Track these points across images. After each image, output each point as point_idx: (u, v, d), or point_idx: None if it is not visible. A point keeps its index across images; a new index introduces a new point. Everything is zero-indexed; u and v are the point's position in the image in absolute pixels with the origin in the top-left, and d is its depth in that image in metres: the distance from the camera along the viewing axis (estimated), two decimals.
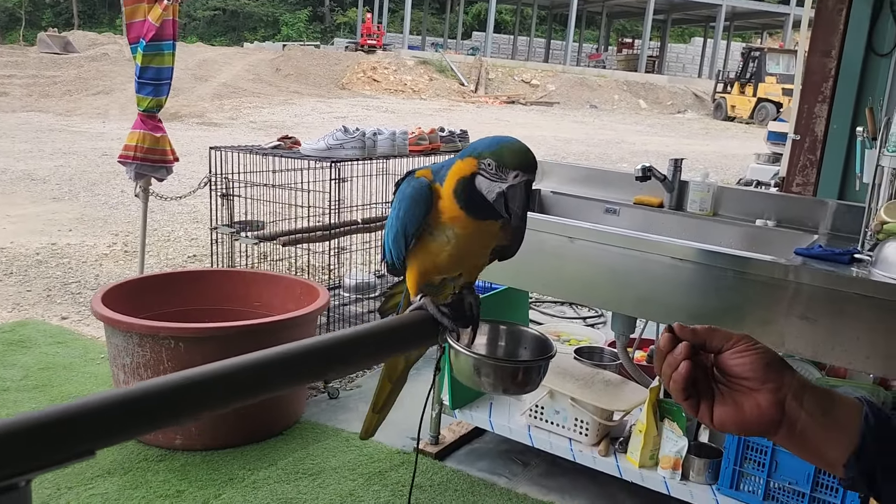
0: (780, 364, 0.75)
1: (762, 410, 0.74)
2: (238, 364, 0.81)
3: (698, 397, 0.77)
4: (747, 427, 0.76)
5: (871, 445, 0.71)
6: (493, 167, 0.95)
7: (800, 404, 0.73)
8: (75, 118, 14.50)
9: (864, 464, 0.71)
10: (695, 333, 0.77)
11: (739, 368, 0.75)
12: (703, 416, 0.77)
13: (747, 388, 0.74)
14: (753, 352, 0.75)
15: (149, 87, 3.55)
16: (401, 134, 3.85)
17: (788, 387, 0.73)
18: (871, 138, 2.66)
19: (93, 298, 3.01)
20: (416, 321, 1.06)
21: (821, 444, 0.73)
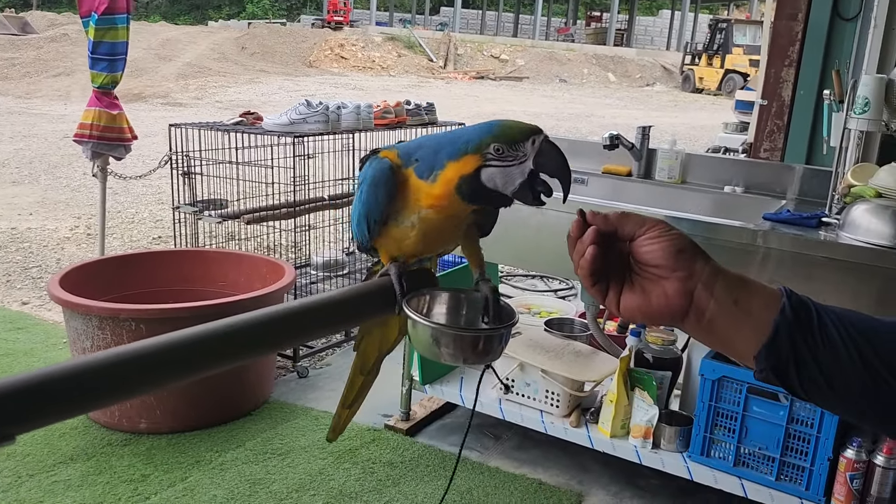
0: (693, 251, 0.71)
1: (668, 299, 0.71)
2: (169, 341, 0.76)
3: (607, 284, 0.74)
4: (652, 315, 0.72)
5: (784, 337, 0.67)
6: (503, 151, 0.86)
7: (710, 293, 0.69)
8: (35, 100, 14.16)
9: (776, 356, 0.68)
10: (606, 220, 0.74)
11: (650, 255, 0.72)
12: (609, 303, 0.74)
13: (656, 276, 0.71)
14: (665, 238, 0.71)
15: (103, 62, 3.43)
16: (365, 107, 3.77)
17: (699, 275, 0.70)
18: (837, 101, 2.64)
19: (50, 281, 2.93)
20: (374, 289, 1.01)
21: (730, 335, 0.70)
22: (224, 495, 2.51)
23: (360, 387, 1.15)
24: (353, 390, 1.15)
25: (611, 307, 0.75)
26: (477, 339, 0.99)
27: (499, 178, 0.87)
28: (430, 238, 0.97)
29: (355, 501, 2.51)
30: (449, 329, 0.98)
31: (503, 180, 0.87)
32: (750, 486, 2.35)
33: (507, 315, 1.04)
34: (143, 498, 2.47)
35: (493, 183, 0.87)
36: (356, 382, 1.15)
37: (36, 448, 2.72)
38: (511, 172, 0.86)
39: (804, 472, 2.28)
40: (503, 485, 2.64)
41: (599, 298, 0.75)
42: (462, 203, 0.90)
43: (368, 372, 1.14)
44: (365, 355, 1.12)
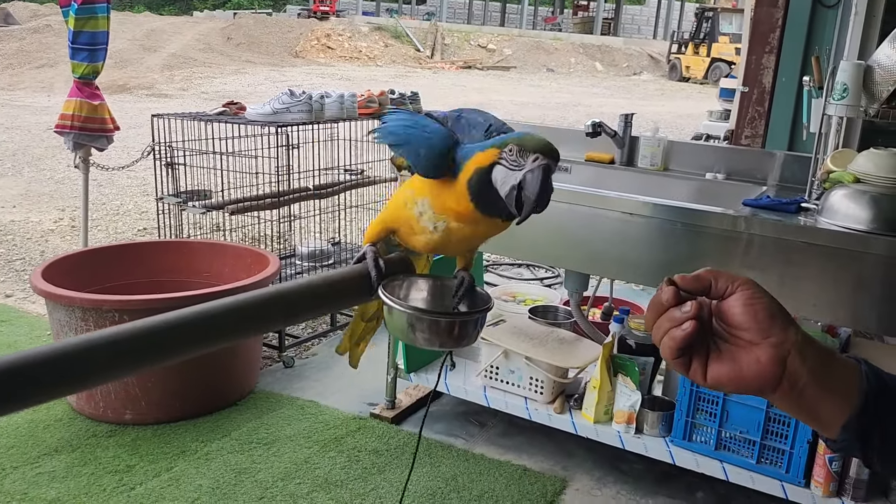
0: (785, 316, 0.67)
1: (762, 367, 0.66)
2: (145, 326, 0.77)
3: (691, 354, 0.68)
4: (745, 385, 0.67)
5: (871, 407, 0.66)
6: (513, 153, 0.89)
7: (803, 362, 0.66)
8: (18, 92, 14.03)
9: (863, 425, 0.66)
10: (698, 280, 0.69)
11: (741, 318, 0.67)
12: (695, 374, 0.69)
13: (747, 342, 0.67)
14: (758, 300, 0.67)
15: (83, 52, 3.41)
16: (349, 97, 3.76)
17: (793, 342, 0.66)
18: (817, 88, 2.66)
19: (32, 273, 2.91)
20: (351, 274, 1.02)
21: (820, 404, 0.67)
22: (209, 485, 2.51)
23: (361, 331, 1.17)
24: (355, 333, 1.17)
25: (696, 378, 0.69)
26: (452, 323, 0.99)
27: (501, 176, 0.89)
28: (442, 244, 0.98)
29: (341, 489, 2.52)
30: (424, 314, 0.98)
31: (502, 180, 0.89)
32: (731, 470, 2.37)
33: (482, 300, 1.05)
34: (129, 488, 2.48)
35: (497, 181, 0.89)
36: (358, 327, 1.16)
37: (20, 440, 2.71)
38: (510, 175, 0.89)
39: (784, 455, 2.30)
40: (488, 471, 2.66)
41: (683, 370, 0.70)
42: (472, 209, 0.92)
43: (369, 319, 1.16)
44: (365, 306, 1.13)
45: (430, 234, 0.97)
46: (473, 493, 2.54)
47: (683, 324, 0.67)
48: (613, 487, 2.63)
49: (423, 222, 0.97)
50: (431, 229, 0.97)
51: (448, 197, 0.93)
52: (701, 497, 2.59)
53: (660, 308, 0.69)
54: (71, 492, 2.44)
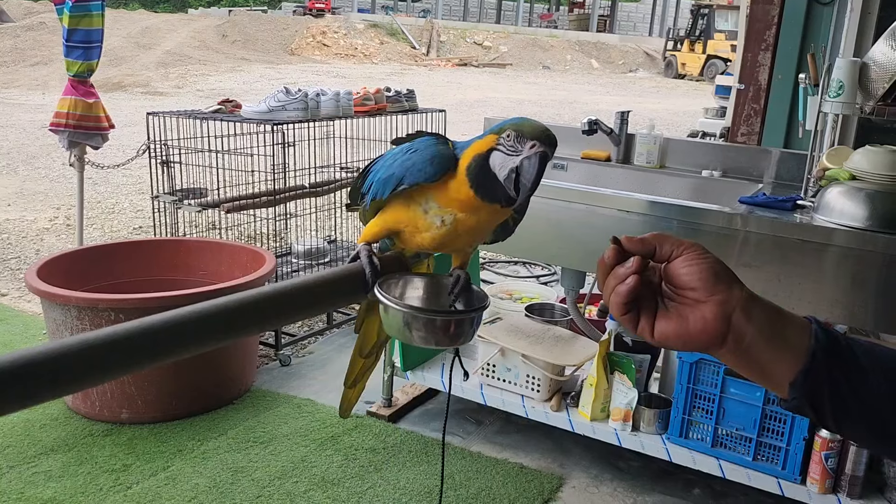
0: (730, 276, 0.69)
1: (707, 323, 0.68)
2: (138, 327, 0.76)
3: (639, 311, 0.71)
4: (690, 341, 0.70)
5: (821, 364, 0.67)
6: (511, 139, 0.89)
7: (748, 318, 0.67)
8: (13, 90, 13.98)
9: (812, 383, 0.67)
10: (643, 242, 0.71)
11: (687, 278, 0.69)
12: (643, 330, 0.72)
13: (693, 300, 0.68)
14: (703, 260, 0.69)
15: (78, 50, 3.39)
16: (345, 94, 3.75)
17: (738, 299, 0.68)
18: (813, 85, 2.66)
19: (27, 272, 2.90)
20: (346, 273, 1.01)
21: (767, 361, 0.69)
22: (206, 483, 2.51)
23: (360, 368, 1.16)
24: (353, 371, 1.16)
25: (644, 334, 0.72)
26: (448, 322, 0.99)
27: (498, 161, 0.90)
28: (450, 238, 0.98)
29: (338, 488, 2.52)
30: (420, 312, 0.98)
31: (500, 165, 0.90)
32: (728, 467, 2.38)
33: (478, 299, 1.04)
34: (125, 488, 2.47)
35: (494, 165, 0.90)
36: (356, 364, 1.15)
37: (16, 439, 2.71)
38: (507, 160, 0.89)
39: (780, 451, 2.31)
40: (485, 469, 2.66)
41: (631, 327, 0.72)
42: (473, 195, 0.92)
43: (367, 355, 1.15)
44: (365, 337, 1.12)
45: (437, 229, 0.97)
46: (470, 490, 2.54)
47: (627, 279, 0.70)
48: (610, 485, 2.63)
49: (429, 218, 0.97)
50: (439, 224, 0.97)
51: (450, 188, 0.94)
52: (697, 494, 2.59)
53: (604, 266, 0.72)
54: (67, 491, 2.44)
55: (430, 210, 0.96)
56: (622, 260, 0.72)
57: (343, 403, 1.18)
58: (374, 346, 1.13)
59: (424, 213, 0.97)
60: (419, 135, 1.01)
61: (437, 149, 0.95)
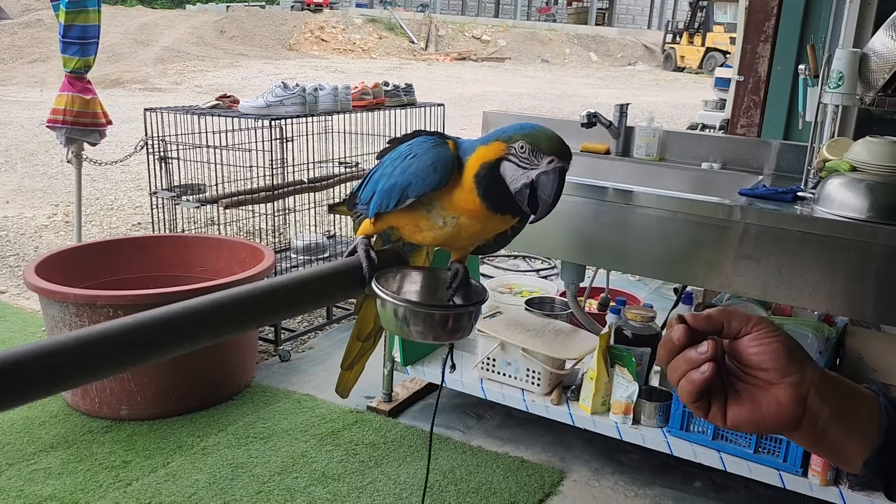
0: (802, 354, 0.66)
1: (782, 407, 0.64)
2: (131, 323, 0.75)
3: (709, 396, 0.67)
4: (765, 425, 0.66)
5: (892, 443, 0.65)
6: (525, 151, 0.87)
7: (823, 400, 0.64)
8: (10, 87, 13.95)
9: (884, 461, 0.65)
10: (710, 320, 0.66)
11: (758, 358, 0.65)
12: (714, 417, 0.67)
13: (764, 382, 0.65)
14: (774, 339, 0.65)
15: (75, 46, 3.37)
16: (343, 89, 3.74)
17: (811, 381, 0.64)
18: (813, 76, 2.64)
19: (25, 269, 2.90)
20: (343, 267, 1.01)
21: (841, 441, 0.66)
22: (206, 479, 2.50)
23: (357, 352, 1.15)
24: (350, 354, 1.15)
25: (715, 420, 0.68)
26: (446, 316, 0.98)
27: (510, 172, 0.88)
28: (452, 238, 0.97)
29: (338, 483, 2.52)
30: (418, 307, 0.97)
31: (512, 176, 0.88)
32: (729, 459, 2.37)
33: (476, 293, 1.04)
34: (125, 484, 2.47)
35: (505, 175, 0.88)
36: (354, 347, 1.14)
37: (15, 437, 2.70)
38: (521, 173, 0.88)
39: (782, 444, 2.30)
40: (485, 463, 2.65)
41: (701, 413, 0.68)
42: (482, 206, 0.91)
43: (366, 339, 1.14)
44: (363, 322, 1.11)
45: (438, 230, 0.96)
46: (471, 485, 2.54)
47: (701, 366, 0.65)
48: (611, 478, 2.62)
49: (431, 219, 0.95)
50: (441, 224, 0.95)
51: (456, 193, 0.92)
52: (698, 487, 2.59)
53: (672, 347, 0.67)
54: (67, 488, 2.43)
55: (432, 210, 0.95)
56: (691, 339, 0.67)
57: (340, 385, 1.17)
58: (373, 331, 1.12)
59: (427, 212, 0.95)
60: (417, 134, 1.00)
61: (438, 152, 0.93)
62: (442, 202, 0.93)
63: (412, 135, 1.00)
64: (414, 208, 0.96)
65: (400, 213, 0.98)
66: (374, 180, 1.01)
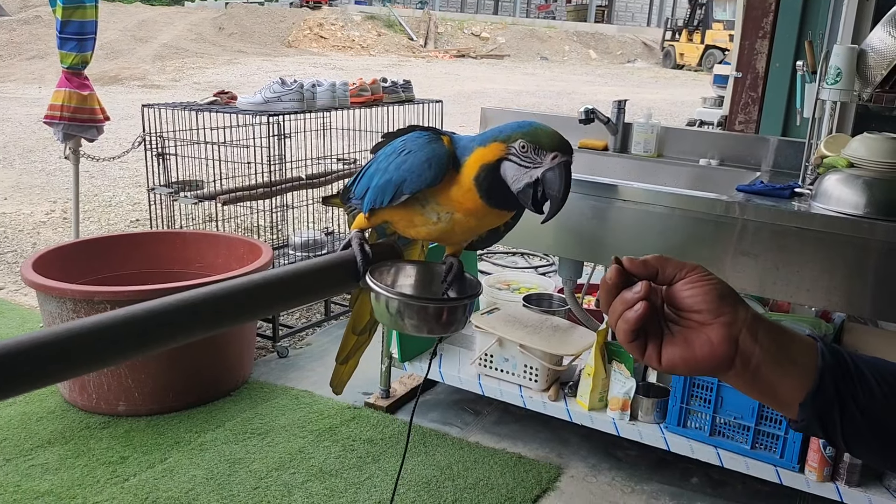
0: (734, 297, 0.68)
1: (714, 347, 0.67)
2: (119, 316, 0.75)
3: (646, 338, 0.69)
4: (698, 366, 0.68)
5: (829, 383, 0.66)
6: (527, 150, 0.86)
7: (754, 339, 0.66)
8: (9, 84, 13.93)
9: (821, 403, 0.66)
10: (646, 265, 0.69)
11: (691, 300, 0.68)
12: (650, 358, 0.70)
13: (698, 323, 0.67)
14: (707, 282, 0.68)
15: (72, 42, 3.37)
16: (341, 85, 3.73)
17: (743, 321, 0.67)
18: (811, 72, 2.64)
19: (23, 265, 2.89)
20: (338, 261, 1.00)
21: (776, 383, 0.67)
22: (203, 475, 2.50)
23: (352, 345, 1.15)
24: (346, 347, 1.15)
25: (651, 362, 0.70)
26: (440, 309, 0.98)
27: (511, 172, 0.87)
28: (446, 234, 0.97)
29: (335, 479, 2.52)
30: (412, 300, 0.97)
31: (514, 176, 0.87)
32: (726, 455, 2.37)
33: (470, 286, 1.03)
34: (122, 480, 2.47)
35: (507, 176, 0.87)
36: (349, 341, 1.14)
37: (13, 432, 2.70)
38: (523, 172, 0.87)
39: (779, 440, 2.30)
40: (483, 459, 2.66)
41: (638, 354, 0.70)
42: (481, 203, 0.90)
43: (361, 332, 1.14)
44: (358, 315, 1.11)
45: (432, 225, 0.96)
46: (468, 481, 2.54)
47: (635, 305, 0.68)
48: (608, 474, 2.63)
49: (426, 214, 0.95)
50: (435, 220, 0.95)
51: (453, 191, 0.91)
52: (696, 483, 2.59)
53: (607, 288, 0.70)
54: (64, 484, 2.43)
55: (427, 206, 0.95)
56: (626, 282, 0.70)
57: (334, 379, 1.17)
58: (368, 324, 1.12)
59: (422, 207, 0.95)
60: (411, 129, 0.99)
61: (433, 148, 0.92)
62: (437, 198, 0.93)
63: (406, 129, 1.00)
64: (408, 204, 0.95)
65: (394, 209, 0.98)
66: (369, 175, 1.00)
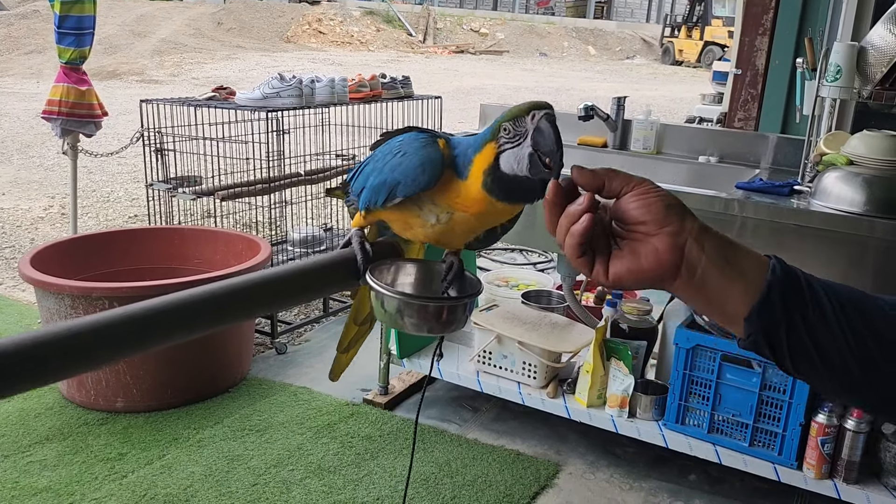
0: (681, 208, 0.67)
1: (659, 256, 0.66)
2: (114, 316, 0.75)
3: (593, 253, 0.69)
4: (644, 276, 0.68)
5: (777, 297, 0.65)
6: (509, 131, 0.84)
7: (701, 249, 0.66)
8: (7, 79, 13.90)
9: (767, 317, 0.65)
10: (593, 177, 0.68)
11: (637, 212, 0.67)
12: (598, 273, 0.69)
13: (644, 234, 0.67)
14: (653, 194, 0.67)
15: (70, 37, 3.36)
16: (340, 81, 3.73)
17: (690, 230, 0.66)
18: (810, 69, 2.64)
19: (21, 261, 2.89)
20: (338, 259, 1.00)
21: (722, 294, 0.66)
22: (202, 472, 2.50)
23: (353, 335, 1.14)
24: (347, 337, 1.14)
25: (599, 277, 0.70)
26: (440, 308, 0.98)
27: (513, 160, 0.84)
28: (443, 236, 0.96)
29: (334, 475, 2.52)
30: (412, 299, 0.97)
31: (516, 162, 0.84)
32: (724, 453, 2.38)
33: (471, 285, 1.03)
34: (121, 476, 2.47)
35: (511, 167, 0.85)
36: (350, 331, 1.14)
37: (11, 429, 2.70)
38: (519, 152, 0.84)
39: (777, 437, 2.30)
40: (481, 456, 2.66)
41: (586, 270, 0.70)
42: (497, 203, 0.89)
43: (362, 323, 1.14)
44: (360, 306, 1.11)
45: (430, 228, 0.95)
46: (467, 477, 2.54)
47: (580, 217, 0.67)
48: (606, 471, 2.63)
49: (423, 216, 0.94)
50: (433, 222, 0.94)
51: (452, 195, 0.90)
52: (694, 480, 2.59)
53: (548, 203, 0.70)
54: (62, 480, 2.43)
55: (424, 208, 0.94)
56: (571, 197, 0.69)
57: (334, 367, 1.17)
58: (370, 315, 1.12)
59: (419, 209, 0.94)
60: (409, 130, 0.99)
61: (427, 152, 0.90)
62: (435, 200, 0.92)
63: (405, 129, 0.99)
64: (405, 206, 0.95)
65: (390, 210, 0.97)
66: (365, 174, 1.00)
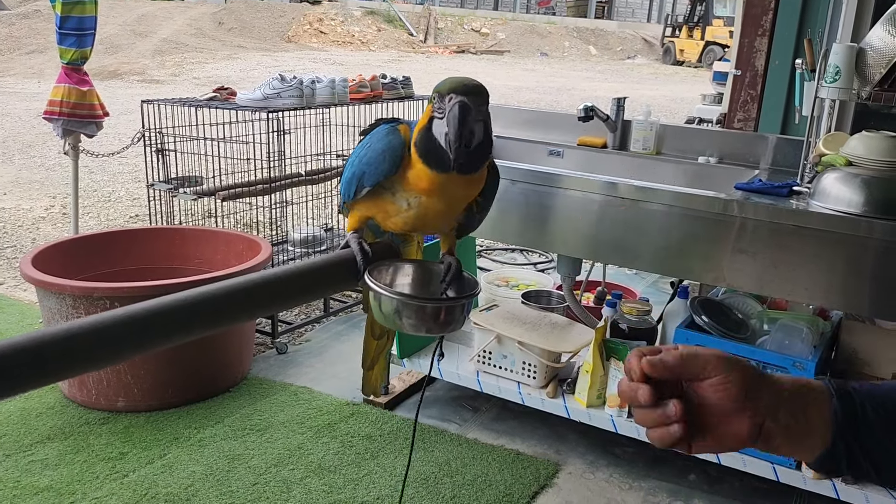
0: (757, 384, 0.72)
1: (741, 437, 0.72)
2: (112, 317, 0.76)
3: None
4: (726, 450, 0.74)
5: (841, 447, 0.72)
6: (437, 101, 0.87)
7: (776, 423, 0.72)
8: (8, 79, 13.91)
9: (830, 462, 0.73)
10: (667, 368, 0.72)
11: (716, 401, 0.72)
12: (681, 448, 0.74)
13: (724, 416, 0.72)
14: (729, 381, 0.72)
15: (71, 37, 3.37)
16: (340, 81, 3.73)
17: (766, 409, 0.72)
18: (810, 70, 2.64)
19: (22, 260, 2.90)
20: (336, 260, 1.01)
21: (794, 450, 0.74)
22: (202, 471, 2.51)
23: (374, 350, 1.15)
24: (368, 354, 1.16)
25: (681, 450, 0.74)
26: (438, 309, 0.99)
27: (437, 129, 0.88)
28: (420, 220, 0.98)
29: (334, 475, 2.53)
30: (410, 299, 0.98)
31: (438, 132, 0.88)
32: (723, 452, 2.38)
33: (469, 285, 1.04)
34: (122, 475, 2.47)
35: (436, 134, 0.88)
36: (370, 346, 1.15)
37: (12, 428, 2.71)
38: (442, 125, 0.87)
39: None
40: (481, 456, 2.66)
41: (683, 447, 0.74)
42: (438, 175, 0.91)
43: (379, 336, 1.15)
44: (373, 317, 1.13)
45: (405, 212, 0.97)
46: (466, 477, 2.54)
47: (671, 427, 0.71)
48: (606, 471, 2.63)
49: (396, 202, 0.97)
50: (406, 206, 0.96)
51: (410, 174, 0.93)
52: (693, 479, 2.60)
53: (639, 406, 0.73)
54: (64, 479, 2.44)
55: (396, 194, 0.97)
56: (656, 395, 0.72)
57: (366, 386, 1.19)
58: (384, 328, 1.13)
59: (392, 196, 0.97)
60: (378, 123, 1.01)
61: (388, 140, 0.94)
62: (402, 185, 0.95)
63: (376, 124, 1.02)
64: (378, 194, 0.98)
65: (367, 202, 1.00)
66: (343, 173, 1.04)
